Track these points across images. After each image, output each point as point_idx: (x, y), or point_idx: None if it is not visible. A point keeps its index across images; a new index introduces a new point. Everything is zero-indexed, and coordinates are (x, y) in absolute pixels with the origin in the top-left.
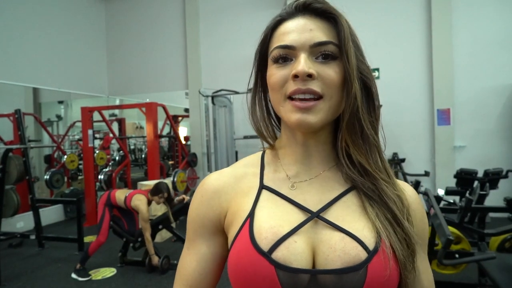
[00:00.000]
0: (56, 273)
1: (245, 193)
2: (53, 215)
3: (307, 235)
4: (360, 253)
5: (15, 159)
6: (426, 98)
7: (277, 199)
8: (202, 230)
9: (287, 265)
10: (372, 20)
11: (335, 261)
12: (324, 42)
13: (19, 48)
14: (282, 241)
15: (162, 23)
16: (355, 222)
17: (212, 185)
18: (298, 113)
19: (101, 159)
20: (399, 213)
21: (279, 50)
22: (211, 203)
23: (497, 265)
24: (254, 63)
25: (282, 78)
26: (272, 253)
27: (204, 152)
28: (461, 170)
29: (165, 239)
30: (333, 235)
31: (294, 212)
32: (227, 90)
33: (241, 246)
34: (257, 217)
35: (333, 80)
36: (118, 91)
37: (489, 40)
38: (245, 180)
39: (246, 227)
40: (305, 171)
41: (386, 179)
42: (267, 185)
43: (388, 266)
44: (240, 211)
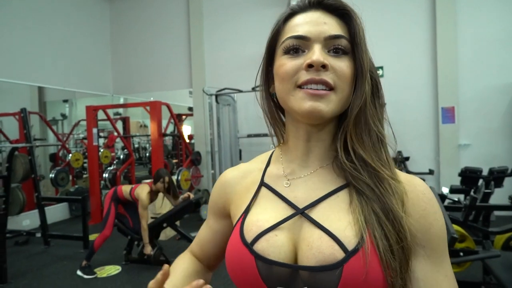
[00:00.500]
0: (62, 270)
1: (248, 189)
2: (59, 213)
3: (292, 231)
4: (336, 253)
5: (21, 157)
6: (431, 96)
7: (272, 196)
8: (213, 210)
9: (265, 257)
10: (377, 18)
11: (310, 259)
12: (338, 36)
13: (24, 47)
14: (263, 234)
15: (166, 22)
16: (339, 221)
17: (224, 177)
18: (311, 101)
19: (105, 158)
20: (396, 207)
21: (292, 40)
22: (220, 193)
23: (502, 263)
24: (265, 55)
25: (294, 68)
26: (253, 245)
27: (208, 151)
28: (466, 168)
29: (170, 237)
30: (313, 233)
31: (283, 208)
32: (231, 88)
33: (233, 237)
34: (250, 212)
35: (345, 74)
36: (123, 90)
37: (493, 38)
38: (251, 175)
39: (240, 221)
40: (301, 168)
41: (389, 174)
42: (266, 182)
43: (364, 268)
44: (241, 205)
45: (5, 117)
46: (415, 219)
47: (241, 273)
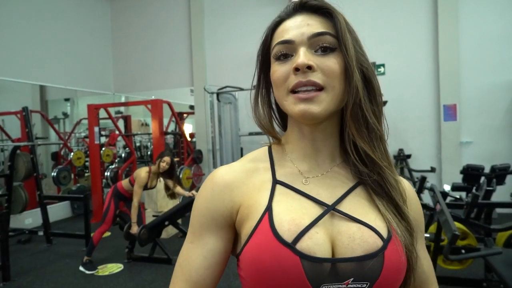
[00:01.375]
0: (64, 268)
1: (259, 188)
2: (61, 212)
3: (325, 227)
4: (377, 241)
5: (23, 156)
6: (432, 93)
7: (292, 193)
8: (211, 224)
9: (311, 255)
10: (378, 15)
11: (355, 250)
12: (321, 33)
13: (26, 46)
14: (305, 232)
15: (167, 20)
16: (367, 214)
17: (223, 179)
18: (301, 104)
19: (107, 156)
20: (401, 202)
21: (279, 46)
22: (222, 197)
23: (504, 260)
24: (257, 63)
25: (284, 74)
26: (296, 244)
27: (210, 149)
28: (468, 166)
29: (171, 235)
30: (351, 226)
31: (310, 205)
32: (232, 86)
33: (262, 238)
34: (275, 210)
35: (333, 71)
36: (124, 88)
37: (495, 35)
38: (256, 174)
39: (265, 220)
40: (315, 167)
41: (389, 167)
42: (281, 180)
43: (402, 252)
44: (256, 205)
45: (7, 116)
46: (415, 211)
47: (281, 277)
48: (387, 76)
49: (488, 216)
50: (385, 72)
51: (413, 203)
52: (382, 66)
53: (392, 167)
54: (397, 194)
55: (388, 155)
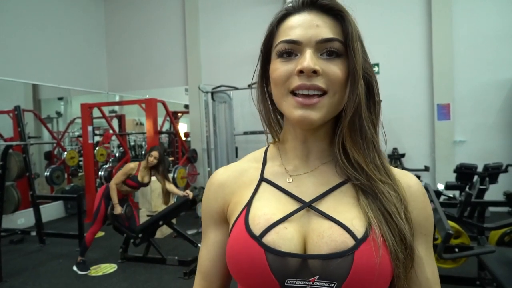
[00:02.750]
0: (58, 269)
1: (246, 186)
2: (54, 212)
3: (300, 223)
4: (347, 240)
5: (15, 155)
6: (426, 92)
7: (274, 190)
8: (210, 221)
9: (276, 249)
10: (372, 14)
11: (322, 247)
12: (330, 39)
13: (18, 44)
14: (273, 227)
15: (161, 19)
16: (346, 212)
17: (217, 179)
18: (301, 110)
19: (101, 156)
20: (395, 210)
21: (284, 44)
22: (216, 196)
23: (497, 259)
24: (260, 57)
25: (286, 73)
26: (263, 237)
27: (204, 148)
28: (461, 164)
29: (166, 235)
30: (323, 224)
31: (288, 202)
32: (226, 86)
33: (237, 231)
34: (253, 206)
35: (338, 77)
36: (118, 87)
37: (489, 34)
38: (247, 173)
39: (242, 214)
40: (302, 165)
41: (383, 179)
42: (266, 178)
43: (377, 254)
44: (241, 201)
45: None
46: (418, 211)
47: (248, 267)
48: (381, 75)
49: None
50: (379, 71)
51: (417, 204)
52: (376, 66)
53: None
54: (388, 202)
55: (384, 162)
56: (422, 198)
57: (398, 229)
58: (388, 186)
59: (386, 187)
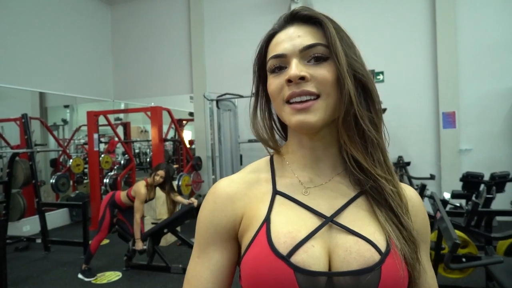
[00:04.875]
0: (62, 276)
1: (259, 199)
2: (59, 219)
3: (323, 239)
4: (374, 255)
5: (22, 163)
6: (431, 101)
7: (291, 204)
8: (215, 237)
9: (306, 269)
10: (377, 24)
11: (351, 263)
12: (312, 45)
13: (25, 53)
14: (300, 245)
15: (167, 28)
16: (366, 226)
17: (225, 191)
18: (297, 115)
19: (106, 163)
20: (401, 212)
21: (272, 60)
22: (224, 209)
23: (505, 269)
24: (254, 75)
25: (279, 86)
26: (291, 257)
27: (209, 156)
28: (467, 173)
29: (170, 243)
30: (348, 239)
31: (308, 217)
32: (231, 94)
33: (259, 250)
34: (273, 222)
35: (327, 79)
36: (123, 95)
37: (494, 42)
38: (257, 185)
39: (263, 231)
40: (316, 177)
41: (382, 174)
42: (281, 191)
43: (401, 266)
44: (256, 216)
45: (6, 123)
46: (420, 221)
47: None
48: (386, 84)
49: (488, 224)
50: (384, 79)
51: (417, 214)
52: (381, 74)
53: (392, 176)
54: (396, 204)
55: (388, 163)
56: (421, 209)
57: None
58: (389, 182)
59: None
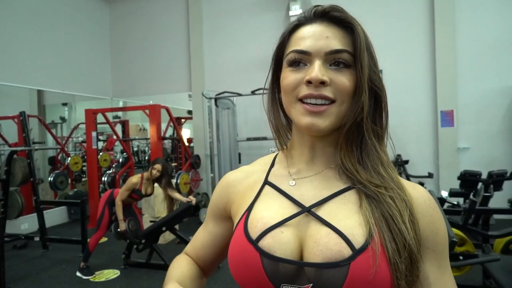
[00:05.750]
0: (61, 274)
1: (251, 188)
2: (57, 217)
3: (298, 228)
4: (344, 250)
5: (20, 161)
6: (430, 99)
7: (276, 193)
8: (213, 213)
9: (270, 253)
10: (376, 22)
11: (317, 255)
12: (339, 50)
13: (23, 50)
14: (269, 231)
15: (165, 26)
16: (347, 219)
17: (227, 178)
18: (309, 117)
19: (104, 161)
20: (398, 214)
21: (294, 54)
22: (221, 193)
23: (502, 267)
24: (271, 65)
25: (295, 81)
26: (259, 241)
27: (207, 154)
28: (465, 171)
29: (168, 241)
30: (320, 230)
31: (288, 206)
32: (230, 92)
33: (237, 234)
34: (254, 209)
35: (346, 87)
36: (122, 93)
37: (492, 41)
38: (253, 176)
39: (243, 217)
40: (307, 169)
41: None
42: (270, 181)
43: (373, 265)
44: (244, 203)
45: (4, 120)
46: (425, 224)
47: (245, 271)
48: (384, 82)
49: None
50: (382, 78)
51: (424, 217)
52: (380, 72)
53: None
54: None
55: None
56: (430, 212)
57: (400, 235)
58: (390, 190)
59: (388, 192)
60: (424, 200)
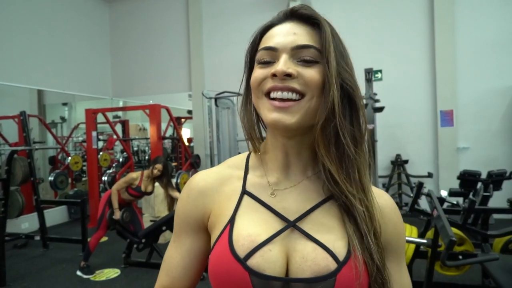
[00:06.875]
0: (61, 273)
1: (228, 197)
2: (58, 216)
3: (283, 243)
4: (330, 264)
5: (20, 160)
6: (429, 99)
7: (257, 206)
8: (186, 227)
9: (260, 272)
10: (375, 22)
11: (305, 271)
12: (305, 45)
13: (24, 51)
14: (257, 249)
15: (165, 26)
16: (328, 233)
17: (198, 185)
18: (275, 112)
19: (104, 161)
20: (366, 228)
21: (262, 52)
22: (195, 203)
23: (501, 266)
24: (245, 67)
25: (262, 76)
26: (247, 260)
27: (207, 154)
28: (465, 171)
29: (168, 240)
30: (306, 245)
31: (272, 220)
32: (230, 92)
33: (220, 250)
34: (237, 223)
35: (314, 80)
36: (122, 93)
37: (492, 41)
38: (229, 183)
39: (226, 232)
40: (285, 179)
41: (353, 192)
42: (249, 191)
43: (358, 276)
44: (222, 215)
45: (4, 120)
46: (390, 230)
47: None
48: (384, 82)
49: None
50: (382, 78)
51: (388, 223)
52: (379, 72)
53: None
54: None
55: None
56: (395, 219)
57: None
58: (359, 201)
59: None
60: (391, 209)
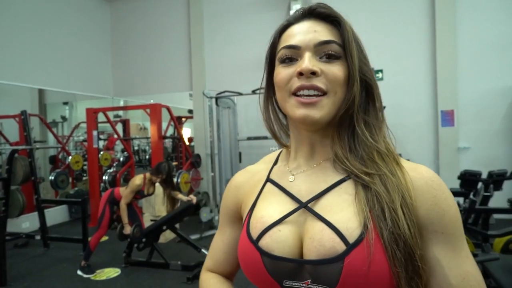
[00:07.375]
0: (62, 273)
1: (255, 187)
2: (58, 216)
3: (296, 224)
4: (337, 246)
5: (21, 160)
6: (430, 99)
7: (276, 190)
8: (226, 217)
9: (269, 252)
10: (376, 21)
11: (312, 252)
12: (327, 41)
13: (25, 50)
14: (267, 230)
15: (166, 25)
16: (341, 213)
17: (235, 180)
18: (302, 108)
19: (105, 160)
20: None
21: (285, 50)
22: (232, 196)
23: (501, 266)
24: (265, 66)
25: (287, 76)
26: (259, 241)
27: (208, 153)
28: (465, 171)
29: (169, 239)
30: (315, 226)
31: (287, 202)
32: (231, 91)
33: (242, 234)
34: (256, 208)
35: (337, 77)
36: (123, 92)
37: (492, 41)
38: (258, 174)
39: (247, 217)
40: (305, 163)
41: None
42: (272, 179)
43: (377, 258)
44: (249, 203)
45: (5, 119)
46: (427, 207)
47: (251, 269)
48: (385, 82)
49: (485, 221)
50: (383, 77)
51: (425, 199)
52: (380, 72)
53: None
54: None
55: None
56: (433, 192)
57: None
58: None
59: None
60: (426, 181)
